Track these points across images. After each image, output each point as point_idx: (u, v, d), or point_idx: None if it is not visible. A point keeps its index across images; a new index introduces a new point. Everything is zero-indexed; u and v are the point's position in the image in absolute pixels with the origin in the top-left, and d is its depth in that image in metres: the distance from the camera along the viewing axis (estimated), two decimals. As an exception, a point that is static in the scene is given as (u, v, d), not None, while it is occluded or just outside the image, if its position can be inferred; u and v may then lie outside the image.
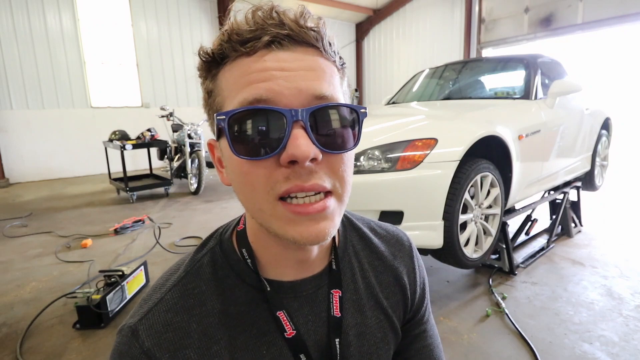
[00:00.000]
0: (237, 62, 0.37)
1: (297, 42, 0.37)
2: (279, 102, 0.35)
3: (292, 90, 0.35)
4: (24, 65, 6.21)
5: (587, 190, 3.58)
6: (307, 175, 0.36)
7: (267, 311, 0.45)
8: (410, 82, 3.53)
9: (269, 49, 0.36)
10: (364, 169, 1.83)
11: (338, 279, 0.49)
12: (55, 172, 6.70)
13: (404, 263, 0.56)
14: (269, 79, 0.35)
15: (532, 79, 2.65)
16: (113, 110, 7.16)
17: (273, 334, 0.45)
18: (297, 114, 0.35)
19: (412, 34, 9.29)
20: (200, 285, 0.44)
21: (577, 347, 1.62)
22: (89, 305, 1.84)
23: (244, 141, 0.36)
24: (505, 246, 2.32)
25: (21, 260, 2.84)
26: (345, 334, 0.48)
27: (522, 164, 2.26)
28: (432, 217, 1.80)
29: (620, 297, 2.04)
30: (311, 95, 0.36)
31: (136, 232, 3.43)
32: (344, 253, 0.51)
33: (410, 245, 0.59)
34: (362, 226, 0.56)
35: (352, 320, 0.49)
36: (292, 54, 0.36)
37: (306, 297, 0.47)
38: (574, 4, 6.43)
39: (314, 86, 0.36)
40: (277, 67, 0.35)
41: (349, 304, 0.49)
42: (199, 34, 8.04)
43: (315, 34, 0.37)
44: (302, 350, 0.45)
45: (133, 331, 0.41)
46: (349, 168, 0.40)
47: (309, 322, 0.47)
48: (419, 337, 0.58)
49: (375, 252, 0.54)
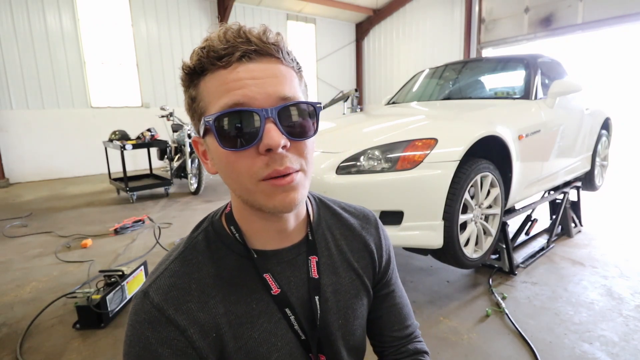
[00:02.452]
0: (215, 74, 0.46)
1: (262, 55, 0.46)
2: (252, 104, 0.45)
3: (263, 95, 0.45)
4: (24, 65, 6.21)
5: (587, 190, 3.58)
6: (280, 160, 0.46)
7: (254, 274, 0.55)
8: (410, 82, 3.53)
9: (240, 62, 0.45)
10: (364, 169, 1.83)
11: (314, 247, 0.59)
12: (55, 172, 6.70)
13: (370, 233, 0.67)
14: (243, 87, 0.45)
15: (532, 79, 2.65)
16: (113, 110, 7.16)
17: (261, 292, 0.54)
18: (268, 112, 0.44)
19: (412, 34, 9.29)
20: (197, 256, 0.54)
21: (577, 347, 1.62)
22: (89, 305, 1.84)
23: (228, 137, 0.45)
24: (505, 246, 2.32)
25: (21, 260, 2.84)
26: (323, 292, 0.59)
27: (522, 164, 2.26)
28: (432, 217, 1.80)
29: (620, 297, 2.04)
30: (277, 97, 0.46)
31: (136, 232, 3.43)
32: (318, 226, 0.62)
33: (376, 220, 0.70)
34: (333, 205, 0.68)
35: (328, 280, 0.60)
36: (259, 64, 0.46)
37: (287, 263, 0.57)
38: (574, 4, 6.43)
39: (279, 90, 0.46)
40: (248, 76, 0.45)
41: (324, 267, 0.60)
42: (199, 34, 8.04)
43: (276, 47, 0.47)
44: (287, 305, 0.55)
45: (145, 293, 0.51)
46: (311, 150, 0.50)
47: (291, 282, 0.57)
48: (388, 296, 0.69)
49: (346, 224, 0.66)
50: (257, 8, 8.85)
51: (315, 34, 9.91)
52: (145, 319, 0.48)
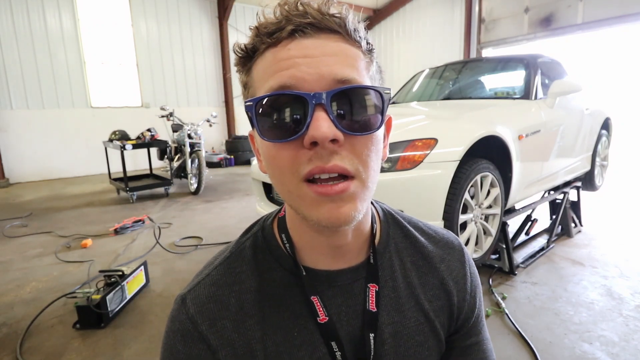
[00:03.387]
0: (265, 54, 0.39)
1: (319, 29, 0.38)
2: (302, 88, 0.37)
3: (314, 76, 0.37)
4: (24, 65, 6.21)
5: (587, 190, 3.58)
6: (327, 156, 0.37)
7: (301, 295, 0.46)
8: (410, 82, 3.53)
9: (292, 38, 0.38)
10: (364, 169, 1.82)
11: (375, 273, 0.49)
12: (55, 172, 6.70)
13: (452, 267, 0.54)
14: (292, 66, 0.37)
15: (532, 79, 2.65)
16: (113, 110, 7.16)
17: (305, 318, 0.46)
18: (319, 97, 0.36)
19: (412, 33, 9.30)
20: (242, 265, 0.48)
21: (577, 347, 1.62)
22: (89, 305, 1.84)
23: (270, 126, 0.38)
24: (505, 246, 2.32)
25: (21, 260, 2.84)
26: (381, 330, 0.48)
27: (522, 164, 2.26)
28: (432, 217, 1.80)
29: (620, 297, 2.04)
30: (332, 79, 0.37)
31: (136, 232, 3.43)
32: (385, 249, 0.51)
33: (462, 250, 0.56)
34: (408, 225, 0.55)
35: (388, 317, 0.49)
36: (315, 40, 0.38)
37: (341, 288, 0.47)
38: (574, 4, 6.43)
39: (336, 70, 0.37)
40: (300, 54, 0.37)
41: (386, 300, 0.49)
42: (199, 34, 8.04)
43: (338, 20, 0.39)
44: (334, 337, 0.46)
45: (183, 299, 0.47)
46: (373, 153, 0.40)
47: (342, 312, 0.47)
48: (470, 349, 0.55)
49: (421, 251, 0.53)
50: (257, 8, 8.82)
51: (315, 34, 9.91)
52: (179, 330, 0.46)
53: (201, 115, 6.09)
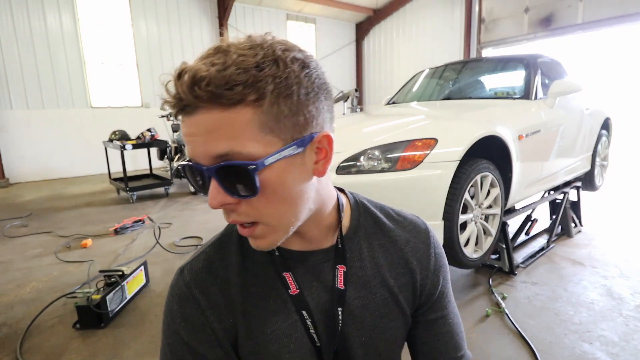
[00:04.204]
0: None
1: (195, 108, 0.40)
2: (198, 159, 0.43)
3: (199, 153, 0.42)
4: (24, 65, 6.21)
5: (587, 190, 3.58)
6: (228, 214, 0.46)
7: (275, 271, 0.55)
8: (410, 82, 3.53)
9: (182, 115, 0.42)
10: (364, 169, 1.83)
11: (343, 255, 0.56)
12: (55, 172, 6.70)
13: (416, 248, 0.60)
14: (188, 142, 0.43)
15: (532, 79, 2.65)
16: (113, 110, 7.16)
17: (280, 290, 0.54)
18: (209, 170, 0.42)
19: (412, 34, 9.30)
20: (229, 245, 0.57)
21: (577, 347, 1.62)
22: (89, 305, 1.84)
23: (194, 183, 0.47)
24: (505, 246, 2.32)
25: (21, 260, 2.84)
26: (349, 304, 0.55)
27: (522, 164, 2.26)
28: (432, 217, 1.80)
29: (620, 297, 2.04)
30: (210, 157, 0.42)
31: (136, 232, 3.43)
32: (354, 234, 0.58)
33: (428, 233, 0.62)
34: (379, 213, 0.61)
35: (355, 293, 0.56)
36: (193, 118, 0.41)
37: (312, 266, 0.55)
38: (574, 4, 6.43)
39: (211, 149, 0.41)
40: (187, 132, 0.42)
41: (353, 279, 0.56)
42: (199, 34, 8.04)
43: (207, 93, 0.39)
44: (305, 307, 0.54)
45: (181, 270, 0.56)
46: (272, 202, 0.45)
47: (312, 287, 0.55)
48: (436, 323, 0.61)
49: (388, 235, 0.60)
50: (257, 8, 8.85)
51: (315, 34, 9.91)
52: (177, 294, 0.54)
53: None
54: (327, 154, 0.48)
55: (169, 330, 0.54)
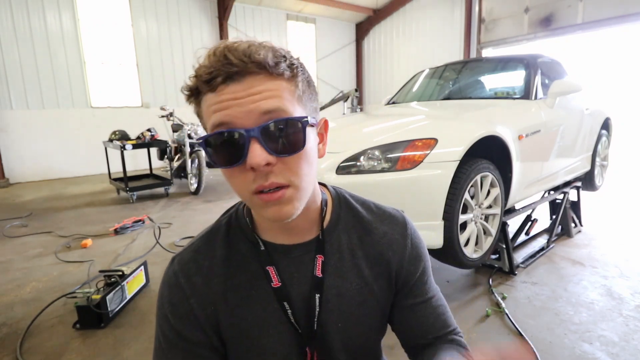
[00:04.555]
0: (206, 96, 0.48)
1: (244, 74, 0.46)
2: (236, 124, 0.46)
3: (244, 113, 0.46)
4: (24, 65, 6.21)
5: (587, 190, 3.58)
6: (265, 177, 0.48)
7: (260, 264, 0.59)
8: (410, 82, 3.53)
9: (225, 84, 0.46)
10: (364, 169, 1.83)
11: (322, 247, 0.60)
12: (55, 172, 6.70)
13: (392, 239, 0.64)
14: (226, 107, 0.46)
15: (532, 79, 2.65)
16: (113, 110, 7.16)
17: (262, 282, 0.59)
18: (251, 131, 0.46)
19: (412, 34, 9.30)
20: (217, 238, 0.62)
21: (577, 347, 1.62)
22: (89, 305, 1.84)
23: (219, 155, 0.49)
24: (505, 246, 2.32)
25: (21, 260, 2.84)
26: (326, 292, 0.60)
27: (522, 164, 2.26)
28: (432, 217, 1.80)
29: (620, 297, 2.04)
30: (259, 113, 0.46)
31: (136, 232, 3.43)
32: (334, 227, 0.62)
33: (405, 225, 0.66)
34: (360, 207, 0.66)
35: (332, 282, 0.60)
36: (241, 84, 0.46)
37: (294, 259, 0.60)
38: (574, 4, 6.43)
39: (260, 106, 0.46)
40: (231, 97, 0.46)
41: (331, 269, 0.60)
42: (199, 34, 8.04)
43: (258, 64, 0.46)
44: (286, 298, 0.58)
45: (172, 260, 0.62)
46: (303, 164, 0.50)
47: (294, 278, 0.59)
48: (417, 307, 0.65)
49: (366, 228, 0.64)
50: (257, 8, 8.85)
51: (315, 34, 9.91)
52: (166, 281, 0.60)
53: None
54: (324, 138, 0.58)
55: (160, 313, 0.59)
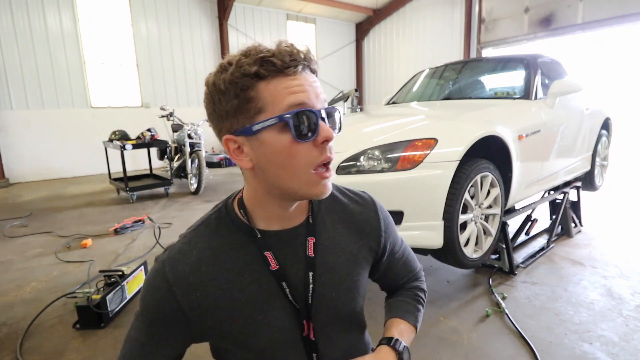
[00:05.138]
0: (279, 79, 0.55)
1: (310, 68, 0.59)
2: (311, 105, 0.56)
3: (315, 97, 0.57)
4: (24, 65, 6.21)
5: (587, 190, 3.58)
6: (330, 149, 0.59)
7: (256, 251, 0.64)
8: (410, 82, 3.53)
9: (300, 72, 0.56)
10: (364, 169, 1.83)
11: (312, 229, 0.68)
12: (55, 172, 6.70)
13: (368, 216, 0.75)
14: (304, 90, 0.56)
15: (532, 79, 2.65)
16: (113, 110, 7.16)
17: (259, 266, 0.64)
18: (322, 112, 0.57)
19: (412, 34, 9.30)
20: (206, 230, 0.66)
21: (577, 347, 1.62)
22: (89, 305, 1.84)
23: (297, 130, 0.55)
24: (505, 246, 2.32)
25: (21, 260, 2.84)
26: (318, 269, 0.67)
27: (522, 164, 2.26)
28: (432, 217, 1.80)
29: (620, 297, 2.04)
30: (323, 99, 0.59)
31: (136, 232, 3.43)
32: (318, 212, 0.70)
33: (374, 203, 0.77)
34: (336, 192, 0.75)
35: (323, 259, 0.67)
36: (310, 75, 0.58)
37: (287, 242, 0.66)
38: (574, 4, 6.43)
39: (321, 94, 0.59)
40: (306, 83, 0.57)
41: (321, 247, 0.68)
42: (199, 34, 8.04)
43: (316, 64, 0.60)
44: (284, 279, 0.64)
45: (164, 250, 0.66)
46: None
47: (288, 260, 0.65)
48: (392, 261, 0.81)
49: (345, 209, 0.74)
50: (257, 8, 8.85)
51: (315, 34, 9.92)
52: (154, 268, 0.64)
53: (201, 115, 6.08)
54: None
55: (142, 295, 0.64)
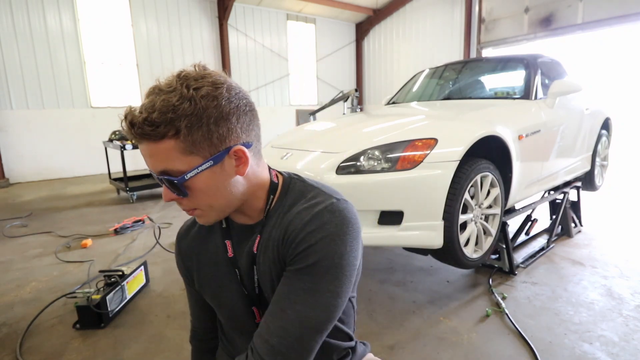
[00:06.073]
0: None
1: (140, 139, 0.58)
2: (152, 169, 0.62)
3: (151, 168, 0.62)
4: (24, 65, 6.21)
5: (587, 190, 3.58)
6: (179, 204, 0.67)
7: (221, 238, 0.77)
8: (410, 82, 3.53)
9: (138, 143, 0.60)
10: (364, 169, 1.82)
11: (261, 228, 0.73)
12: (55, 172, 6.70)
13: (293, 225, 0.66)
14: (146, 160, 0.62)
15: (532, 79, 2.65)
16: (113, 110, 7.16)
17: (222, 252, 0.77)
18: (159, 180, 0.62)
19: (412, 34, 9.30)
20: None
21: (577, 347, 1.62)
22: (89, 305, 1.84)
23: None
24: (505, 246, 2.32)
25: (21, 260, 2.84)
26: (259, 264, 0.73)
27: (522, 164, 2.26)
28: (432, 217, 1.80)
29: (620, 297, 2.04)
30: (157, 170, 0.61)
31: (136, 232, 3.43)
32: (274, 212, 0.72)
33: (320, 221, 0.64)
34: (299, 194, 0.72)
35: (262, 256, 0.72)
36: (141, 146, 0.60)
37: (245, 236, 0.75)
38: (574, 4, 6.43)
39: (154, 167, 0.61)
40: (142, 153, 0.61)
41: (263, 246, 0.72)
42: (199, 34, 8.04)
43: (151, 129, 0.56)
44: (237, 266, 0.75)
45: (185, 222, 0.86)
46: (200, 197, 0.64)
47: (242, 252, 0.75)
48: (284, 279, 0.67)
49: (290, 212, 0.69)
50: (257, 8, 8.85)
51: (315, 34, 9.91)
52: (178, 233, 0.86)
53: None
54: (244, 160, 0.64)
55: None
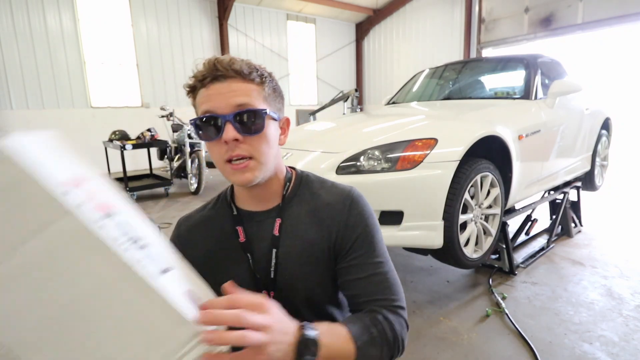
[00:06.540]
0: (200, 90, 0.68)
1: (226, 77, 0.67)
2: (217, 111, 0.66)
3: (224, 104, 0.66)
4: (24, 65, 6.21)
5: (587, 190, 3.58)
6: (233, 148, 0.67)
7: (232, 225, 0.79)
8: (410, 82, 3.53)
9: (212, 82, 0.67)
10: (364, 169, 1.82)
11: (281, 212, 0.77)
12: (55, 172, 6.69)
13: (334, 208, 0.76)
14: (212, 99, 0.67)
15: (532, 79, 2.65)
16: (113, 110, 7.16)
17: (231, 238, 0.78)
18: (226, 116, 0.66)
19: (412, 34, 9.30)
20: (209, 204, 0.86)
21: (577, 347, 1.62)
22: (89, 305, 1.83)
23: (204, 132, 0.69)
24: (505, 246, 2.32)
25: (21, 260, 2.83)
26: (281, 248, 0.75)
27: (522, 164, 2.26)
28: (432, 217, 1.80)
29: (620, 297, 2.04)
30: (234, 105, 0.66)
31: (136, 232, 3.43)
32: (292, 199, 0.78)
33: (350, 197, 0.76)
34: (317, 185, 0.81)
35: (286, 241, 0.75)
36: (223, 84, 0.67)
37: (258, 222, 0.78)
38: (574, 4, 6.43)
39: (235, 99, 0.66)
40: (216, 92, 0.67)
41: (287, 230, 0.76)
42: (199, 34, 8.04)
43: (235, 71, 0.66)
44: (249, 251, 0.76)
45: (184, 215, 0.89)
46: (263, 143, 0.69)
47: (255, 236, 0.77)
48: (351, 268, 0.74)
49: (317, 200, 0.78)
50: (257, 8, 8.85)
51: (315, 34, 9.91)
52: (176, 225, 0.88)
53: (201, 115, 6.12)
54: (286, 132, 0.78)
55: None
